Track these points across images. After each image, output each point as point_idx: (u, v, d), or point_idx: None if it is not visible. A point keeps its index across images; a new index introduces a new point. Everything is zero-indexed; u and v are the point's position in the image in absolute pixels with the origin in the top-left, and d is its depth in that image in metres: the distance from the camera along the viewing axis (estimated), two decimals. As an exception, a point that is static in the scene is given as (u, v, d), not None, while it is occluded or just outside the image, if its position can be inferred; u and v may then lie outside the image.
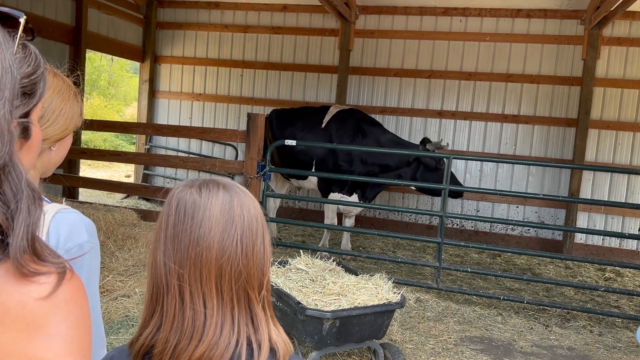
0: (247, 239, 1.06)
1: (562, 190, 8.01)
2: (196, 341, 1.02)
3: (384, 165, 6.44)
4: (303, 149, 6.62)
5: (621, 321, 5.09)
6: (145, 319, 1.09)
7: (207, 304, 1.03)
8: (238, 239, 1.04)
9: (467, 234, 8.34)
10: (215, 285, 1.04)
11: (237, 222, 1.05)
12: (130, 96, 21.05)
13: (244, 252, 1.05)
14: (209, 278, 1.03)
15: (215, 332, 1.02)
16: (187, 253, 1.03)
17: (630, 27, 7.71)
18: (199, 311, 1.03)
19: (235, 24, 9.15)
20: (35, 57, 0.84)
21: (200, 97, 9.38)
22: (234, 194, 1.08)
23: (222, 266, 1.03)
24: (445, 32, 8.29)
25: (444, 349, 4.14)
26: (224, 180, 1.12)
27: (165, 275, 1.05)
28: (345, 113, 6.79)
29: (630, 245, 7.83)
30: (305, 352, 3.54)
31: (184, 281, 1.04)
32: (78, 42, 7.74)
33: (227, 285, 1.04)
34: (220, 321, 1.03)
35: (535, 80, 8.06)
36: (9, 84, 0.73)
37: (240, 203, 1.07)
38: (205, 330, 1.02)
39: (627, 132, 7.77)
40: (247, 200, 1.09)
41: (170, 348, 1.02)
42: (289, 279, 3.73)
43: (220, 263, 1.03)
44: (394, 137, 6.65)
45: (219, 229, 1.03)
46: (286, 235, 7.89)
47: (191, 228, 1.03)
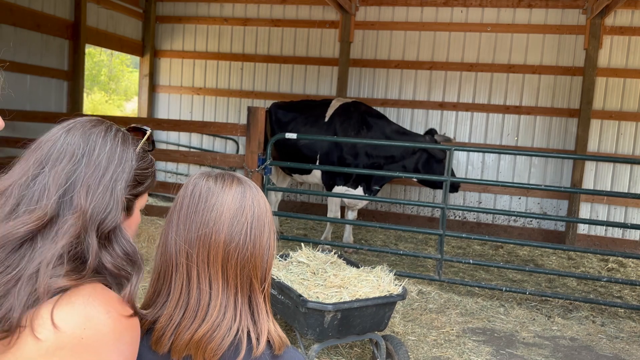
0: (256, 229, 1.10)
1: (564, 181, 7.98)
2: (200, 320, 1.05)
3: (389, 156, 6.39)
4: (307, 143, 6.57)
5: (624, 311, 5.08)
6: (150, 297, 1.13)
7: (212, 285, 1.07)
8: (248, 228, 1.09)
9: (469, 226, 8.32)
10: (222, 268, 1.08)
11: (248, 212, 1.10)
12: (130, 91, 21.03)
13: (251, 241, 1.09)
14: (216, 260, 1.07)
15: (219, 314, 1.06)
16: (197, 233, 1.08)
17: (632, 16, 7.64)
18: (204, 290, 1.07)
19: (234, 17, 9.11)
20: (150, 160, 1.17)
21: (201, 91, 9.36)
22: (247, 187, 1.14)
23: (229, 251, 1.08)
24: (446, 23, 8.24)
25: (446, 340, 4.13)
26: (239, 175, 1.18)
27: (175, 254, 1.09)
28: (349, 106, 6.73)
29: (633, 236, 7.80)
30: (307, 344, 3.54)
31: (192, 260, 1.08)
32: (77, 37, 7.72)
33: (233, 271, 1.08)
34: (224, 303, 1.07)
35: (537, 70, 8.01)
36: (127, 168, 1.08)
37: (252, 195, 1.13)
38: (209, 311, 1.06)
39: (630, 122, 7.73)
40: (259, 195, 1.15)
41: (173, 325, 1.06)
42: (290, 272, 3.73)
43: (227, 248, 1.08)
44: (399, 128, 6.59)
45: (230, 215, 1.09)
46: (288, 229, 7.89)
47: (203, 210, 1.09)
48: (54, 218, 0.99)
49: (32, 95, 7.14)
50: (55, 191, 1.00)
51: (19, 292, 0.91)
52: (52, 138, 1.07)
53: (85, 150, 1.05)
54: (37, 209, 0.98)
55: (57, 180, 1.01)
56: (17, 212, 0.98)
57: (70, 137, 1.06)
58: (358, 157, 6.46)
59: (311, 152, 6.66)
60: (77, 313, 0.93)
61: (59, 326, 0.91)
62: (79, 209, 1.00)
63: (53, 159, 1.03)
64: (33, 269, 0.93)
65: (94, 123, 1.11)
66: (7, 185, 1.02)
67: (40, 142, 1.07)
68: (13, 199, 1.00)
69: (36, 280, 0.92)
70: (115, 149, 1.08)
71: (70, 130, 1.08)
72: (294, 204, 8.94)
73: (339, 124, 6.58)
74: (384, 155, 6.41)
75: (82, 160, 1.04)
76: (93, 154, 1.05)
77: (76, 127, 1.08)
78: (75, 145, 1.05)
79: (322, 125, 6.67)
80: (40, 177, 1.01)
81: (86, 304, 0.95)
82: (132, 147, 1.12)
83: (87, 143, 1.06)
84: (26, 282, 0.92)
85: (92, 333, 0.93)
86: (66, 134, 1.07)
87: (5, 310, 0.90)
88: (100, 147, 1.06)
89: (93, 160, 1.05)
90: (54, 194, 0.99)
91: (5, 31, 6.60)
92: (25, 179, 1.01)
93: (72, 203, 1.00)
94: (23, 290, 0.91)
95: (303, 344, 3.44)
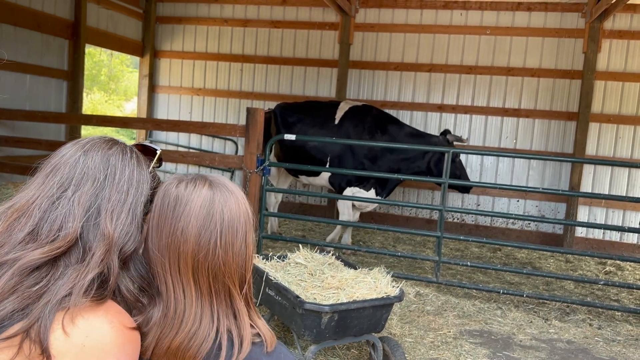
0: (227, 236, 1.08)
1: (562, 184, 7.99)
2: (176, 329, 1.05)
3: (406, 159, 6.30)
4: (316, 145, 6.47)
5: (621, 314, 5.09)
6: None
7: (185, 294, 1.07)
8: (217, 236, 1.07)
9: (467, 228, 8.33)
10: (193, 277, 1.07)
11: (217, 219, 1.08)
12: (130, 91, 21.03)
13: (222, 248, 1.08)
14: (186, 269, 1.07)
15: (194, 323, 1.05)
16: (167, 242, 1.08)
17: (631, 20, 7.67)
18: (179, 300, 1.07)
19: (234, 18, 9.12)
20: (159, 178, 1.20)
21: (200, 92, 9.37)
22: (217, 192, 1.11)
23: (199, 260, 1.06)
24: (445, 25, 8.26)
25: (443, 342, 4.14)
26: (215, 177, 1.15)
27: (152, 262, 1.10)
28: (360, 109, 6.61)
29: (631, 239, 7.82)
30: (304, 345, 3.55)
31: (166, 270, 1.08)
32: (77, 37, 7.73)
33: (205, 279, 1.07)
34: (199, 312, 1.06)
35: (535, 73, 8.03)
36: (145, 191, 1.11)
37: (222, 201, 1.10)
38: (184, 319, 1.05)
39: (628, 125, 7.75)
40: (231, 199, 1.11)
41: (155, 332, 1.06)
42: (288, 273, 3.73)
43: (197, 256, 1.07)
44: (412, 130, 6.52)
45: (197, 224, 1.07)
46: (286, 230, 7.89)
47: (172, 219, 1.08)
48: (77, 241, 1.01)
49: (32, 95, 7.14)
50: (80, 216, 1.02)
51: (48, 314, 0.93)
52: (70, 160, 1.08)
53: (107, 173, 1.08)
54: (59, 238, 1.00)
55: (82, 205, 1.03)
56: (39, 236, 1.00)
57: (90, 160, 1.08)
58: (376, 160, 6.34)
59: (321, 154, 6.55)
60: (82, 321, 0.96)
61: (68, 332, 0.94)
62: (107, 237, 1.03)
63: (75, 182, 1.05)
64: (64, 292, 0.96)
65: (109, 145, 1.13)
66: (26, 203, 1.03)
67: (58, 163, 1.08)
68: (33, 219, 1.01)
69: (68, 304, 0.95)
70: (133, 172, 1.11)
71: (89, 152, 1.09)
72: (293, 204, 8.95)
73: (352, 127, 6.47)
74: (402, 158, 6.30)
75: (105, 185, 1.07)
76: (115, 179, 1.08)
77: (94, 149, 1.10)
78: (96, 169, 1.07)
79: (332, 127, 6.56)
80: (63, 201, 1.03)
81: (91, 313, 0.97)
82: (145, 169, 1.15)
83: (107, 166, 1.09)
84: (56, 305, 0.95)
85: (94, 342, 0.95)
86: (85, 155, 1.09)
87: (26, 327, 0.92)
88: (120, 171, 1.09)
89: (115, 185, 1.07)
90: (79, 219, 1.02)
91: (6, 31, 6.61)
92: (47, 200, 1.03)
93: (99, 228, 1.03)
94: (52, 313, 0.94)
95: (300, 345, 3.45)
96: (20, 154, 6.51)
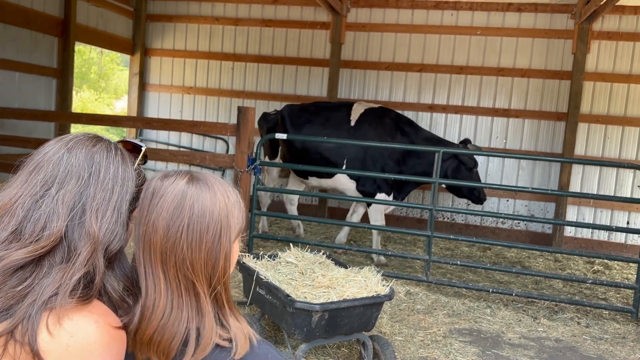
0: (195, 231, 1.06)
1: (552, 183, 8.06)
2: (147, 320, 1.05)
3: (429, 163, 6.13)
4: (332, 147, 6.31)
5: (608, 313, 5.14)
6: None
7: (156, 286, 1.07)
8: (184, 229, 1.06)
9: (457, 228, 8.38)
10: (162, 268, 1.07)
11: (186, 212, 1.06)
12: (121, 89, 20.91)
13: (188, 242, 1.06)
14: (156, 260, 1.07)
15: (163, 315, 1.05)
16: (141, 233, 1.09)
17: (619, 21, 7.74)
18: (150, 291, 1.07)
19: (226, 16, 9.10)
20: (144, 175, 1.19)
21: (191, 91, 9.34)
22: (193, 186, 1.09)
23: (166, 251, 1.06)
24: (436, 25, 8.29)
25: (433, 341, 4.16)
26: (199, 174, 1.13)
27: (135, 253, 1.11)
28: (377, 111, 6.49)
29: (619, 238, 7.90)
30: (295, 344, 3.55)
31: (139, 261, 1.09)
32: (67, 34, 7.67)
33: (173, 271, 1.07)
34: (168, 306, 1.06)
35: (525, 74, 8.08)
36: (130, 189, 1.11)
37: (195, 195, 1.08)
38: (154, 312, 1.05)
39: (616, 126, 7.82)
40: (206, 195, 1.09)
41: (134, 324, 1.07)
42: (279, 272, 3.74)
43: (164, 247, 1.06)
44: (431, 135, 6.43)
45: (167, 216, 1.06)
46: (277, 229, 7.89)
47: (147, 211, 1.08)
48: (61, 240, 1.00)
49: (21, 93, 7.09)
50: (64, 216, 1.01)
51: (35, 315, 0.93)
52: (54, 158, 1.06)
53: (92, 171, 1.06)
54: (44, 237, 0.98)
55: (66, 204, 1.02)
56: (22, 235, 0.99)
57: (74, 157, 1.06)
58: (397, 164, 6.21)
59: (337, 156, 6.36)
60: (68, 321, 0.95)
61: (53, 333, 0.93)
62: (93, 237, 1.01)
63: (59, 180, 1.03)
64: (50, 292, 0.95)
65: (93, 142, 1.11)
66: (8, 201, 1.02)
67: (41, 160, 1.06)
68: (16, 218, 1.00)
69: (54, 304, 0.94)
70: (118, 170, 1.10)
71: (72, 149, 1.07)
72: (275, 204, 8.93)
73: (372, 129, 6.32)
74: (420, 163, 6.18)
75: (89, 183, 1.05)
76: (99, 177, 1.06)
77: (78, 146, 1.08)
78: (80, 166, 1.06)
79: (348, 129, 6.39)
80: (47, 199, 1.01)
81: (76, 313, 0.97)
82: (130, 166, 1.14)
83: (92, 164, 1.07)
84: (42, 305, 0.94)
85: (78, 342, 0.94)
86: (68, 153, 1.07)
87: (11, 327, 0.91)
88: (105, 169, 1.08)
89: (100, 183, 1.06)
90: (63, 219, 1.00)
91: (-6, 28, 6.55)
92: (30, 199, 1.01)
93: (84, 227, 1.02)
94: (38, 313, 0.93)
95: (290, 344, 3.46)
96: (9, 152, 6.45)
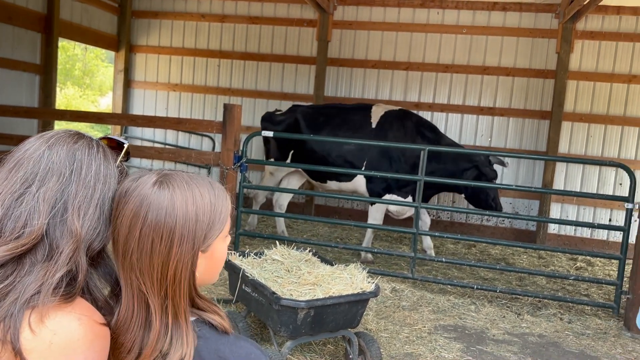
0: (146, 240, 1.05)
1: (536, 181, 8.14)
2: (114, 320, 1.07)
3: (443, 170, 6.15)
4: (352, 149, 6.29)
5: (590, 309, 5.21)
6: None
7: (125, 292, 1.08)
8: (137, 237, 1.05)
9: (443, 225, 8.43)
10: (123, 275, 1.08)
11: (140, 219, 1.05)
12: (105, 86, 20.70)
13: (139, 251, 1.05)
14: (121, 267, 1.08)
15: (125, 316, 1.06)
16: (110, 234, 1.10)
17: (602, 21, 7.84)
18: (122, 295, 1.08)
19: (212, 13, 9.05)
20: (127, 172, 1.18)
21: (177, 88, 9.28)
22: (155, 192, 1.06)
23: (123, 258, 1.07)
24: (422, 24, 8.33)
25: (418, 337, 4.19)
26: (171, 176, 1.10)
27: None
28: (399, 114, 6.48)
29: (601, 235, 8.01)
30: (280, 342, 3.55)
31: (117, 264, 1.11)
32: (50, 30, 7.57)
33: (129, 279, 1.07)
34: (130, 309, 1.06)
35: (510, 73, 8.15)
36: (112, 186, 1.10)
37: (152, 202, 1.06)
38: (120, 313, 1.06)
39: (599, 124, 7.93)
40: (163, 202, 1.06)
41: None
42: (265, 270, 3.74)
43: (122, 254, 1.07)
44: (452, 141, 6.43)
45: (127, 222, 1.06)
46: (263, 227, 7.88)
47: (115, 214, 1.09)
48: (43, 238, 0.99)
49: (3, 89, 6.98)
50: (46, 213, 1.00)
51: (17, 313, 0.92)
52: (34, 155, 1.04)
53: (73, 169, 1.05)
54: (25, 235, 0.97)
55: (47, 201, 1.01)
56: (3, 233, 0.98)
57: (55, 154, 1.05)
58: (415, 168, 6.10)
59: (357, 159, 6.33)
60: (50, 319, 0.94)
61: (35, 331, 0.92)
62: (75, 234, 1.01)
63: (40, 178, 1.02)
64: (32, 290, 0.94)
65: (75, 139, 1.09)
66: None
67: (21, 158, 1.05)
68: None
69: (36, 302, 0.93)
70: (100, 167, 1.09)
71: (53, 146, 1.06)
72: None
73: (394, 131, 6.29)
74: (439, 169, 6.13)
75: (71, 180, 1.04)
76: (81, 174, 1.05)
77: (59, 143, 1.07)
78: (61, 164, 1.04)
79: (369, 132, 6.35)
80: (27, 197, 1.00)
81: (59, 311, 0.96)
82: (112, 163, 1.13)
83: (73, 161, 1.06)
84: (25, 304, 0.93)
85: (61, 339, 0.94)
86: (49, 150, 1.05)
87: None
88: (87, 166, 1.07)
89: (82, 181, 1.05)
90: (44, 216, 0.99)
91: (-25, 23, 6.45)
92: (10, 197, 1.00)
93: (66, 225, 1.01)
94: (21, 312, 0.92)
95: (276, 342, 3.46)
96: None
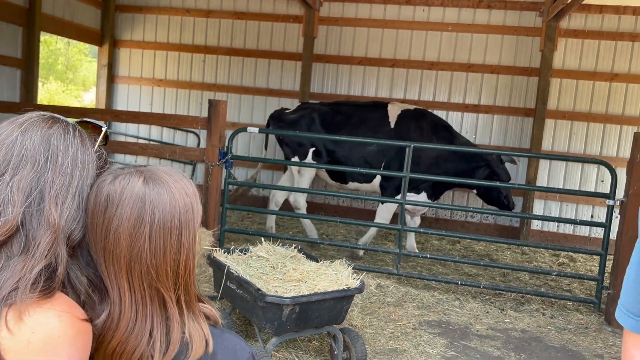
0: (157, 239, 1.03)
1: (519, 178, 8.22)
2: (112, 332, 1.02)
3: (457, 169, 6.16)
4: (373, 149, 6.27)
5: (572, 304, 5.29)
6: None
7: (122, 297, 1.03)
8: (146, 239, 1.02)
9: (427, 221, 8.48)
10: (127, 280, 1.03)
11: (147, 221, 1.02)
12: (89, 81, 20.45)
13: (152, 250, 1.03)
14: (120, 272, 1.03)
15: (127, 327, 1.02)
16: (102, 245, 1.03)
17: (585, 20, 7.93)
18: (115, 302, 1.03)
19: (197, 8, 8.98)
20: (106, 156, 1.14)
21: (161, 83, 9.19)
22: (150, 189, 1.04)
23: (130, 262, 1.02)
24: (408, 21, 8.35)
25: (403, 333, 4.22)
26: (152, 170, 1.09)
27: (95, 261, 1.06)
28: (415, 113, 6.48)
29: (583, 232, 8.12)
30: (265, 338, 3.55)
31: (103, 271, 1.04)
32: (32, 24, 7.45)
33: (138, 282, 1.03)
34: (133, 317, 1.03)
35: (495, 70, 8.21)
36: (90, 172, 1.06)
37: (155, 200, 1.04)
38: (119, 324, 1.02)
39: (582, 122, 8.02)
40: (165, 197, 1.05)
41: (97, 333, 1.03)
42: (250, 266, 3.73)
43: (128, 258, 1.02)
44: (468, 141, 6.45)
45: (128, 225, 1.02)
46: (249, 224, 7.86)
47: (103, 222, 1.03)
48: (18, 229, 0.95)
49: (-17, 83, 6.87)
50: (21, 202, 0.95)
51: None
52: (6, 141, 0.99)
53: (48, 155, 1.00)
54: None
55: (22, 190, 0.96)
56: None
57: (29, 140, 0.99)
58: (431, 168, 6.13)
59: (376, 159, 6.32)
60: (28, 317, 0.90)
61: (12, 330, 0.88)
62: (53, 225, 0.96)
63: (13, 165, 0.97)
64: (9, 287, 0.90)
65: (49, 123, 1.04)
66: None
67: None
68: None
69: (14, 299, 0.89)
70: (77, 153, 1.04)
71: (27, 131, 1.00)
72: (256, 198, 8.90)
73: (412, 131, 6.30)
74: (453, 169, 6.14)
75: (47, 167, 0.99)
76: (57, 161, 1.00)
77: (32, 128, 1.01)
78: (36, 150, 0.99)
79: (389, 131, 6.36)
80: (0, 186, 0.96)
81: (37, 307, 0.92)
82: (90, 148, 1.07)
83: (49, 147, 1.00)
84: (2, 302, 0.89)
85: (40, 338, 0.90)
86: (22, 136, 1.00)
87: None
88: (63, 152, 1.01)
89: (58, 168, 1.00)
90: (19, 205, 0.95)
91: (-46, 15, 6.32)
92: None
93: (42, 215, 0.96)
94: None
95: (261, 338, 3.46)
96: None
